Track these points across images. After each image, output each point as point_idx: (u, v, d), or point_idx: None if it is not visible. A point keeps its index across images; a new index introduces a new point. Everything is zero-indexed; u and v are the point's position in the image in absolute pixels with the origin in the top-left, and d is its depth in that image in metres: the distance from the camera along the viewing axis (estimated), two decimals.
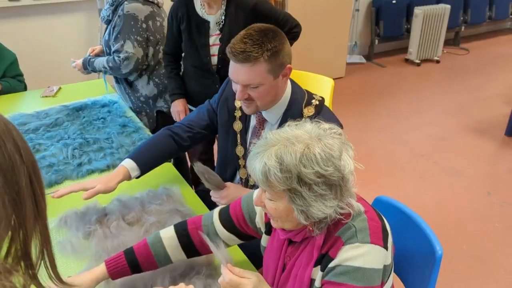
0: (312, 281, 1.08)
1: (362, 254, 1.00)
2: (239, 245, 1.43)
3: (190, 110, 2.33)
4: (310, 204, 0.98)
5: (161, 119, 2.52)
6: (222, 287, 1.06)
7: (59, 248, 1.41)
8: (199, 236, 1.26)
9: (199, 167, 1.49)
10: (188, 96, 2.31)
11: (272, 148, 0.99)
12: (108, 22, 2.42)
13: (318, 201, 0.98)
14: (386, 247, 1.03)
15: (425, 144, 3.84)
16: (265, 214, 1.22)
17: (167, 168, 1.89)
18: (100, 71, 2.44)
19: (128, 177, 1.55)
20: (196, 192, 1.80)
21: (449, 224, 2.84)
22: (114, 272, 1.22)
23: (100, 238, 1.43)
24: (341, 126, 1.35)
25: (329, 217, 1.02)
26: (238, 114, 1.63)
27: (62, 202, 1.64)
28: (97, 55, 2.63)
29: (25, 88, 2.83)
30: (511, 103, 4.47)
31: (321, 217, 1.00)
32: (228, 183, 1.59)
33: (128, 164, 1.56)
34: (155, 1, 2.39)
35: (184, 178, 1.83)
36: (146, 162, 1.59)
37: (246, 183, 1.67)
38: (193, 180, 2.46)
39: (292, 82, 1.55)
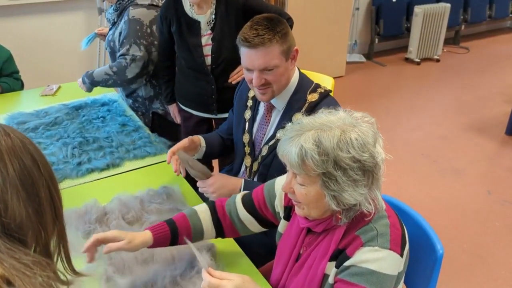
0: (325, 276, 1.08)
1: (380, 259, 1.00)
2: (241, 245, 1.43)
3: (184, 111, 2.33)
4: (344, 189, 0.98)
5: (157, 120, 2.51)
6: None
7: None
8: (224, 215, 1.33)
9: (181, 155, 1.55)
10: (184, 97, 2.30)
11: (309, 132, 1.00)
12: (113, 23, 2.40)
13: (352, 186, 0.98)
14: (402, 255, 1.04)
15: (425, 143, 3.84)
16: (285, 197, 1.24)
17: (167, 167, 1.88)
18: (100, 81, 2.30)
19: (199, 144, 1.72)
20: (196, 191, 1.80)
21: (449, 223, 2.84)
22: (157, 238, 1.23)
23: None
24: None
25: (359, 205, 1.02)
26: (249, 103, 1.70)
27: (62, 201, 1.64)
28: (103, 34, 2.60)
29: (22, 86, 2.79)
30: (511, 102, 4.47)
31: (352, 203, 1.01)
32: (214, 172, 1.64)
33: (199, 136, 1.75)
34: (160, 4, 2.37)
35: (184, 177, 1.83)
36: (210, 144, 1.77)
37: (250, 170, 1.68)
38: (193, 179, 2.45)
39: (301, 72, 1.61)
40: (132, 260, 1.31)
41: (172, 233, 1.26)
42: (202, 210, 1.33)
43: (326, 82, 2.36)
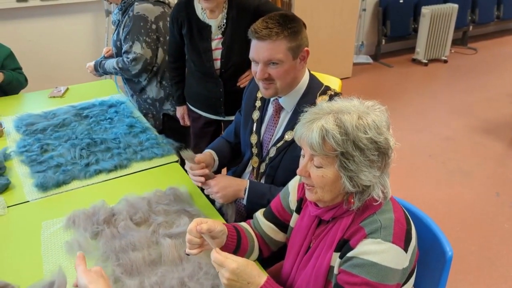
0: (331, 268, 1.10)
1: (381, 251, 1.01)
2: None
3: (192, 112, 2.33)
4: (361, 169, 1.02)
5: (168, 122, 2.52)
6: (214, 265, 1.11)
7: (67, 248, 1.41)
8: (254, 233, 1.38)
9: (186, 153, 1.56)
10: (193, 98, 2.30)
11: (328, 115, 1.04)
12: (117, 25, 2.42)
13: (368, 167, 1.02)
14: (406, 250, 1.04)
15: (432, 144, 3.82)
16: (298, 190, 1.27)
17: (174, 168, 1.89)
18: (111, 72, 2.46)
19: (213, 162, 1.71)
20: (203, 192, 1.80)
21: (458, 225, 2.82)
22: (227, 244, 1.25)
23: (108, 238, 1.42)
24: None
25: (372, 188, 1.05)
26: (258, 104, 1.69)
27: (70, 202, 1.65)
28: (111, 56, 2.64)
29: (25, 80, 2.79)
30: None
31: (367, 185, 1.04)
32: (222, 173, 1.67)
33: (212, 152, 1.73)
34: (166, 1, 2.38)
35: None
36: (221, 156, 1.76)
37: (258, 171, 1.68)
38: None
39: (311, 74, 1.61)
40: (139, 261, 1.32)
41: (237, 243, 1.29)
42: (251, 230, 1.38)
43: (333, 83, 2.36)
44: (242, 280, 1.07)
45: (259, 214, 1.40)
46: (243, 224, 1.40)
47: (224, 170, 2.48)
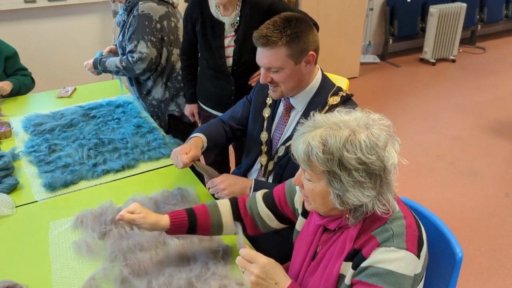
0: (341, 276, 1.08)
1: (396, 259, 1.00)
2: (256, 247, 1.42)
3: (204, 111, 2.33)
4: (347, 189, 0.99)
5: (173, 123, 2.52)
6: (238, 264, 1.06)
7: (75, 248, 1.41)
8: (245, 211, 1.36)
9: (201, 168, 1.58)
10: (204, 96, 2.31)
11: (318, 130, 1.00)
12: (123, 25, 2.42)
13: (356, 187, 0.98)
14: (418, 256, 1.03)
15: (441, 144, 3.79)
16: None
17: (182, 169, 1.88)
18: (111, 71, 2.43)
19: (202, 146, 1.67)
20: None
21: (467, 225, 2.79)
22: (174, 224, 1.28)
23: (116, 239, 1.42)
24: None
25: (365, 207, 1.02)
26: (269, 101, 1.69)
27: (78, 202, 1.66)
28: (111, 51, 2.63)
29: (33, 81, 2.78)
30: None
31: (357, 204, 1.01)
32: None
33: (201, 136, 1.70)
34: (170, 1, 2.39)
35: (199, 179, 1.83)
36: (210, 139, 1.72)
37: (266, 169, 1.67)
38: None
39: (324, 74, 1.60)
40: (147, 261, 1.32)
41: (190, 222, 1.29)
42: (223, 204, 1.37)
43: (340, 83, 2.34)
44: (270, 279, 1.04)
45: (259, 197, 1.37)
46: (220, 201, 1.38)
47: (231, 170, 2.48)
